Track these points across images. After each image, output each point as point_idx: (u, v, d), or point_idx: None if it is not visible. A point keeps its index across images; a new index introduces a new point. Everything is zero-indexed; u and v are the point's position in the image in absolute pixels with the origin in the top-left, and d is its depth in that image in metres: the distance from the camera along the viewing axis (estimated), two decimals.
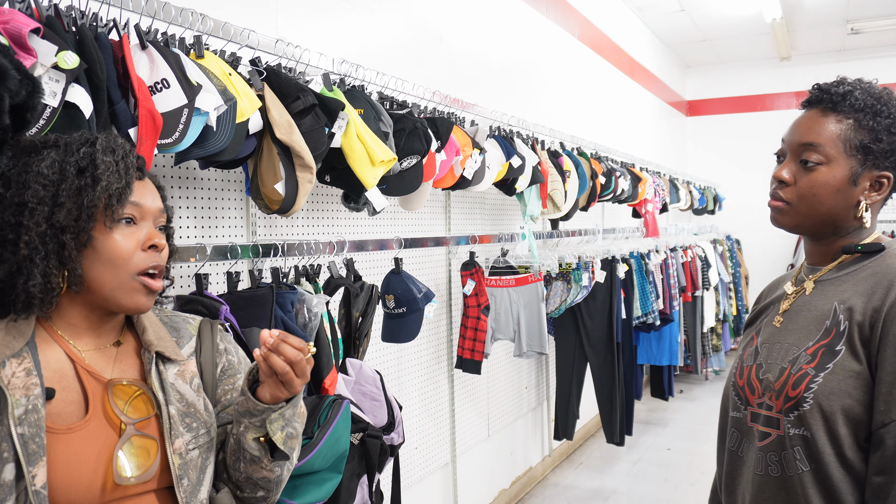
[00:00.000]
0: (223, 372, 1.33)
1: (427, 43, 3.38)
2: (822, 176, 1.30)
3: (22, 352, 1.10)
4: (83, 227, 1.12)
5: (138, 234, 1.18)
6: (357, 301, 2.33)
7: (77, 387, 1.14)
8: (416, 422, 3.33)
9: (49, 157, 1.13)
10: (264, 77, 1.96)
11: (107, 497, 1.12)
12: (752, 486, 1.34)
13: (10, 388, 1.06)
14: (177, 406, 1.21)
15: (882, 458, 1.17)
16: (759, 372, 1.36)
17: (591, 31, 5.61)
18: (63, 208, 1.10)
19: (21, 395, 1.06)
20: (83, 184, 1.12)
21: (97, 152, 1.14)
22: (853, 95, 1.31)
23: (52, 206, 1.11)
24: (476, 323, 3.39)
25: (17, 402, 1.05)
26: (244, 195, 2.30)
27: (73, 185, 1.12)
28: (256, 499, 1.31)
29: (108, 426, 1.14)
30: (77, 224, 1.11)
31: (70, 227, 1.11)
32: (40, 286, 1.10)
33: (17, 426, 1.04)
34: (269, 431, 1.20)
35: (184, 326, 1.32)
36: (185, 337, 1.30)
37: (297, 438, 1.25)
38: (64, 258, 1.11)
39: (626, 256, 4.56)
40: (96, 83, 1.46)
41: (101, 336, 1.21)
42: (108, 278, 1.14)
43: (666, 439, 5.51)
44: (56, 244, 1.11)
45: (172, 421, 1.19)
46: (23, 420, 1.05)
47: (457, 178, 2.83)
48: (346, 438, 1.89)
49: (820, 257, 1.39)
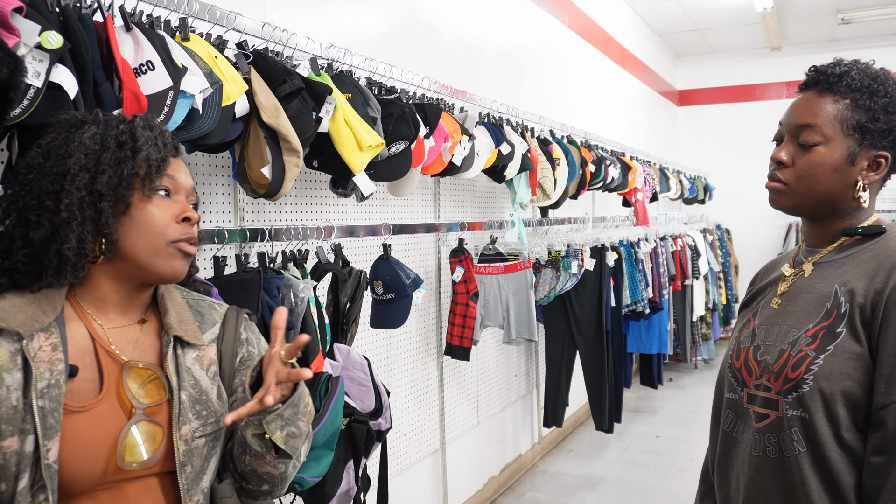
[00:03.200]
0: (242, 362, 1.32)
1: (416, 29, 3.37)
2: (819, 156, 1.31)
3: (50, 326, 1.11)
4: (122, 196, 1.15)
5: (173, 208, 1.20)
6: (345, 287, 2.33)
7: (94, 365, 1.15)
8: (406, 409, 3.34)
9: (90, 130, 1.16)
10: (251, 60, 1.96)
11: (108, 478, 1.12)
12: (748, 467, 1.35)
13: (35, 360, 1.07)
14: (189, 392, 1.21)
15: (882, 438, 1.18)
16: (756, 353, 1.36)
17: (581, 20, 5.60)
18: (104, 175, 1.13)
19: (45, 369, 1.08)
20: (123, 155, 1.15)
21: (136, 127, 1.18)
22: (850, 76, 1.31)
23: (94, 173, 1.14)
24: (465, 310, 3.39)
25: (41, 376, 1.07)
26: (232, 180, 2.30)
27: (114, 155, 1.15)
28: (261, 492, 1.30)
29: (118, 408, 1.14)
30: (116, 192, 1.14)
31: (109, 194, 1.14)
32: (74, 250, 1.11)
33: (38, 399, 1.05)
34: (268, 431, 1.19)
35: (208, 312, 1.32)
36: (208, 322, 1.30)
37: (300, 437, 1.23)
38: (100, 225, 1.13)
39: (615, 245, 4.58)
40: (81, 64, 1.45)
41: (128, 313, 1.22)
42: (143, 245, 1.16)
43: (655, 427, 5.54)
44: (94, 210, 1.13)
45: (182, 407, 1.19)
46: (44, 393, 1.06)
47: (445, 164, 2.83)
48: (341, 414, 1.90)
49: (819, 239, 1.39)
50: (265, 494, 1.31)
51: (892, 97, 1.30)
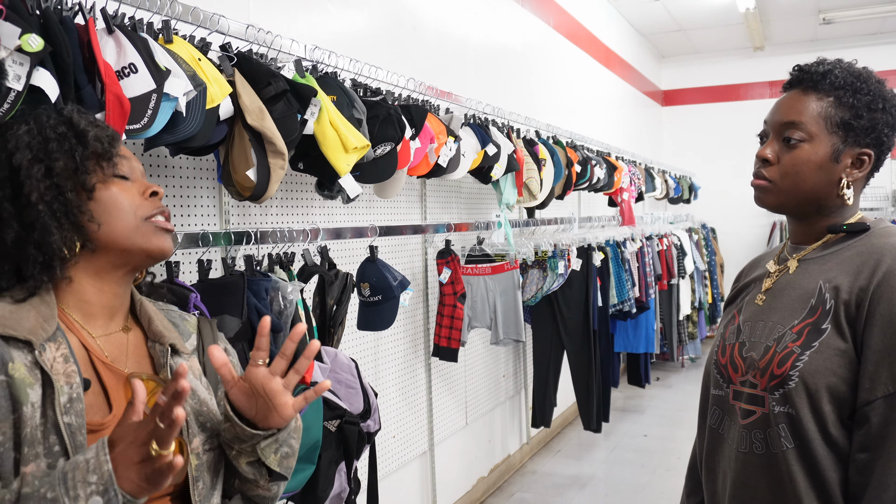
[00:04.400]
0: None
1: (401, 30, 3.37)
2: (804, 153, 1.32)
3: (57, 335, 1.04)
4: (83, 181, 1.09)
5: (136, 187, 1.16)
6: (331, 289, 2.33)
7: (95, 377, 1.09)
8: (394, 410, 3.33)
9: (23, 128, 1.09)
10: (235, 63, 1.95)
11: None
12: (734, 463, 1.35)
13: (53, 373, 1.00)
14: (190, 403, 1.16)
15: (867, 435, 1.19)
16: (742, 350, 1.37)
17: (566, 21, 5.62)
18: (58, 162, 1.07)
19: (64, 383, 1.00)
20: (68, 145, 1.09)
21: (71, 114, 1.12)
22: (833, 74, 1.32)
23: (48, 162, 1.07)
24: (452, 311, 3.39)
25: (62, 389, 0.99)
26: (217, 183, 2.29)
27: (59, 145, 1.09)
28: None
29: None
30: (76, 178, 1.09)
31: (69, 183, 1.08)
32: (58, 242, 1.06)
33: (63, 415, 0.98)
34: (262, 457, 1.14)
35: (181, 322, 1.27)
36: (184, 333, 1.26)
37: (293, 456, 1.19)
38: (73, 216, 1.08)
39: (602, 245, 4.59)
40: (63, 67, 1.44)
41: (114, 318, 1.15)
42: (120, 228, 1.11)
43: (643, 426, 5.56)
44: (61, 203, 1.07)
45: (189, 419, 1.14)
46: (68, 409, 0.99)
47: (431, 165, 2.83)
48: (316, 427, 1.88)
49: (804, 236, 1.40)
50: None
51: (874, 95, 1.31)
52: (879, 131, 1.31)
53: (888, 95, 1.33)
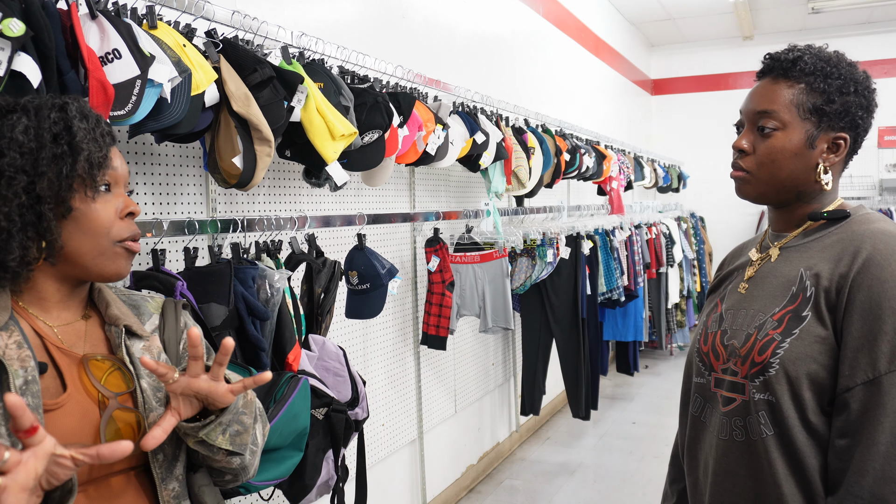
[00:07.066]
0: (185, 348, 1.31)
1: (390, 18, 3.35)
2: (778, 141, 1.32)
3: (9, 325, 1.06)
4: (63, 198, 1.08)
5: (116, 202, 1.16)
6: (319, 277, 2.32)
7: (50, 362, 1.11)
8: (383, 398, 3.34)
9: (21, 123, 1.07)
10: (220, 49, 1.93)
11: (93, 474, 1.11)
12: (715, 450, 1.36)
13: (6, 358, 1.03)
14: (147, 380, 1.19)
15: (846, 421, 1.19)
16: (723, 338, 1.37)
17: (555, 9, 5.61)
18: (44, 178, 1.06)
19: (18, 367, 1.04)
20: (60, 152, 1.07)
21: (72, 118, 1.10)
22: (803, 60, 1.32)
23: (33, 176, 1.06)
24: (441, 299, 3.39)
25: (16, 373, 1.03)
26: (203, 170, 2.27)
27: (50, 153, 1.07)
28: (225, 481, 1.30)
29: (89, 401, 1.12)
30: (57, 195, 1.07)
31: (49, 197, 1.07)
32: (18, 259, 1.06)
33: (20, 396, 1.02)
34: (209, 441, 1.16)
35: (143, 304, 1.30)
36: (145, 314, 1.28)
37: (247, 432, 1.22)
38: (41, 229, 1.07)
39: (591, 233, 4.60)
40: (44, 52, 1.43)
41: (70, 309, 1.18)
42: (88, 248, 1.12)
43: (631, 413, 5.59)
44: (34, 215, 1.06)
45: (145, 395, 1.17)
46: (24, 391, 1.03)
47: (420, 153, 2.82)
48: (304, 415, 1.88)
49: (784, 224, 1.40)
50: (229, 483, 1.30)
51: (845, 79, 1.31)
52: (853, 114, 1.31)
53: (860, 78, 1.33)
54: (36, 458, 0.90)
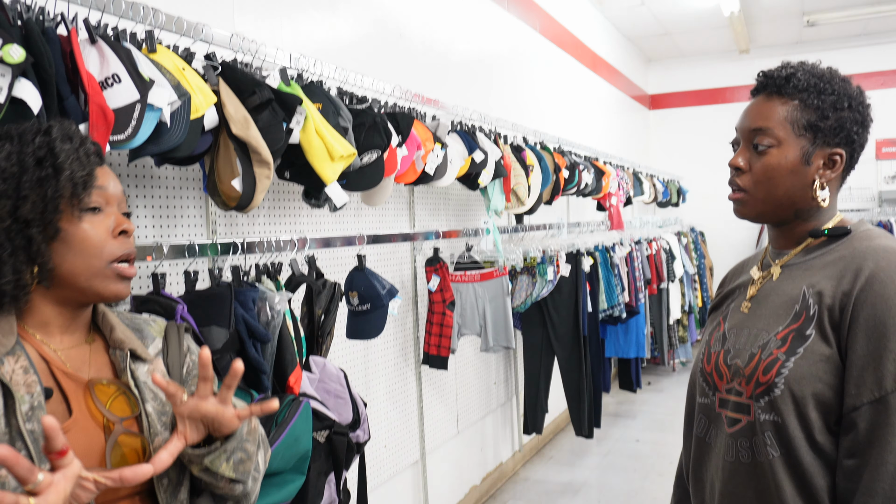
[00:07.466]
0: (188, 372, 1.31)
1: (387, 37, 3.36)
2: (774, 158, 1.32)
3: (16, 349, 1.07)
4: (49, 220, 1.08)
5: (107, 222, 1.15)
6: (319, 299, 2.31)
7: (56, 387, 1.12)
8: (385, 419, 3.32)
9: (4, 150, 1.08)
10: (219, 72, 1.94)
11: (100, 499, 1.10)
12: (722, 472, 1.34)
13: (13, 384, 1.03)
14: (152, 404, 1.19)
15: (854, 441, 1.18)
16: (727, 357, 1.36)
17: (552, 26, 5.64)
18: (27, 201, 1.06)
19: (24, 392, 1.04)
20: (44, 175, 1.08)
21: (54, 141, 1.10)
22: (796, 77, 1.32)
23: (16, 200, 1.07)
24: (441, 318, 3.38)
25: (22, 399, 1.03)
26: (203, 193, 2.27)
27: (33, 176, 1.07)
28: None
29: (95, 426, 1.12)
30: (43, 217, 1.08)
31: (36, 220, 1.07)
32: (12, 283, 1.07)
33: (25, 422, 1.02)
34: (213, 468, 1.16)
35: (146, 328, 1.30)
36: (148, 337, 1.28)
37: (250, 460, 1.22)
38: (32, 253, 1.08)
39: (591, 250, 4.59)
40: (45, 78, 1.43)
41: (74, 333, 1.18)
42: (82, 269, 1.12)
43: (635, 431, 5.56)
44: (23, 239, 1.07)
45: (150, 419, 1.17)
46: (30, 416, 1.03)
47: (419, 173, 2.82)
48: (306, 438, 1.87)
49: (785, 242, 1.39)
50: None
51: (839, 94, 1.31)
52: (848, 130, 1.31)
53: (854, 94, 1.32)
54: (66, 480, 0.91)
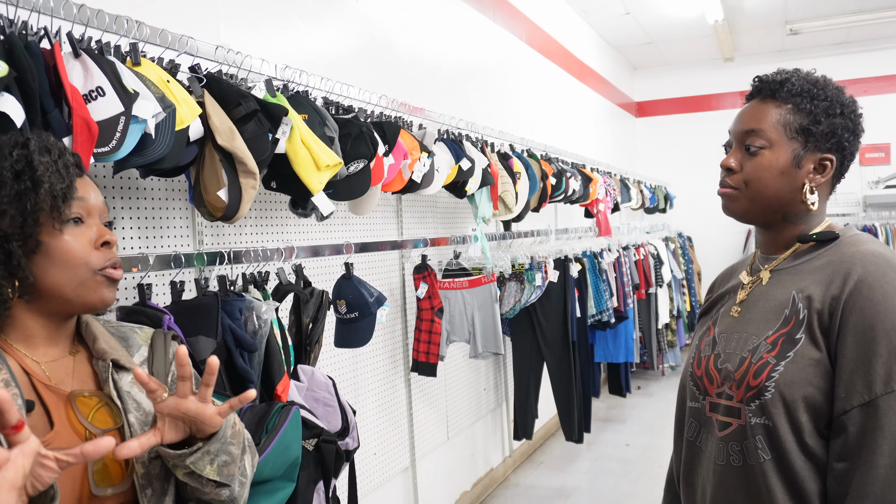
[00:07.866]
0: (174, 380, 1.31)
1: (374, 48, 3.38)
2: (765, 160, 1.34)
3: None
4: (30, 233, 1.07)
5: (89, 233, 1.15)
6: (307, 307, 2.32)
7: (37, 400, 1.11)
8: (374, 427, 3.32)
9: None
10: (204, 84, 1.95)
11: None
12: (713, 476, 1.35)
13: None
14: (135, 414, 1.19)
15: (844, 444, 1.19)
16: (717, 362, 1.37)
17: (538, 35, 5.67)
18: (6, 216, 1.06)
19: None
20: (23, 188, 1.07)
21: (32, 153, 1.09)
22: (790, 82, 1.35)
23: None
24: (430, 325, 3.40)
25: None
26: (189, 204, 2.28)
27: (11, 190, 1.06)
28: None
29: (76, 439, 1.11)
30: (23, 231, 1.07)
31: (15, 234, 1.06)
32: None
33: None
34: (197, 471, 1.16)
35: (132, 336, 1.30)
36: (133, 346, 1.28)
37: (235, 463, 1.21)
38: (12, 267, 1.07)
39: (579, 256, 4.62)
40: (28, 92, 1.43)
41: (58, 345, 1.18)
42: (66, 280, 1.11)
43: (624, 435, 5.58)
44: (2, 253, 1.06)
45: (133, 430, 1.17)
46: None
47: (405, 181, 2.83)
48: (296, 445, 1.87)
49: (773, 246, 1.41)
50: None
51: (832, 101, 1.33)
52: (839, 136, 1.33)
53: (846, 101, 1.35)
54: (24, 456, 0.88)
